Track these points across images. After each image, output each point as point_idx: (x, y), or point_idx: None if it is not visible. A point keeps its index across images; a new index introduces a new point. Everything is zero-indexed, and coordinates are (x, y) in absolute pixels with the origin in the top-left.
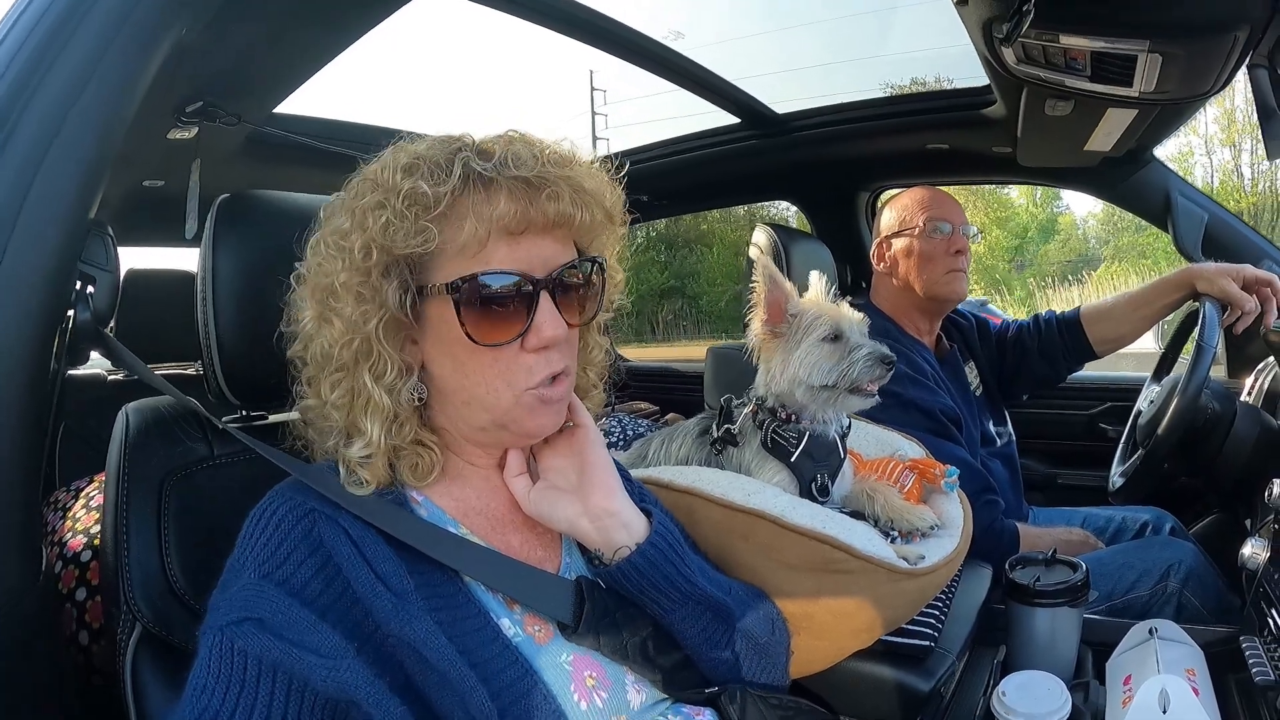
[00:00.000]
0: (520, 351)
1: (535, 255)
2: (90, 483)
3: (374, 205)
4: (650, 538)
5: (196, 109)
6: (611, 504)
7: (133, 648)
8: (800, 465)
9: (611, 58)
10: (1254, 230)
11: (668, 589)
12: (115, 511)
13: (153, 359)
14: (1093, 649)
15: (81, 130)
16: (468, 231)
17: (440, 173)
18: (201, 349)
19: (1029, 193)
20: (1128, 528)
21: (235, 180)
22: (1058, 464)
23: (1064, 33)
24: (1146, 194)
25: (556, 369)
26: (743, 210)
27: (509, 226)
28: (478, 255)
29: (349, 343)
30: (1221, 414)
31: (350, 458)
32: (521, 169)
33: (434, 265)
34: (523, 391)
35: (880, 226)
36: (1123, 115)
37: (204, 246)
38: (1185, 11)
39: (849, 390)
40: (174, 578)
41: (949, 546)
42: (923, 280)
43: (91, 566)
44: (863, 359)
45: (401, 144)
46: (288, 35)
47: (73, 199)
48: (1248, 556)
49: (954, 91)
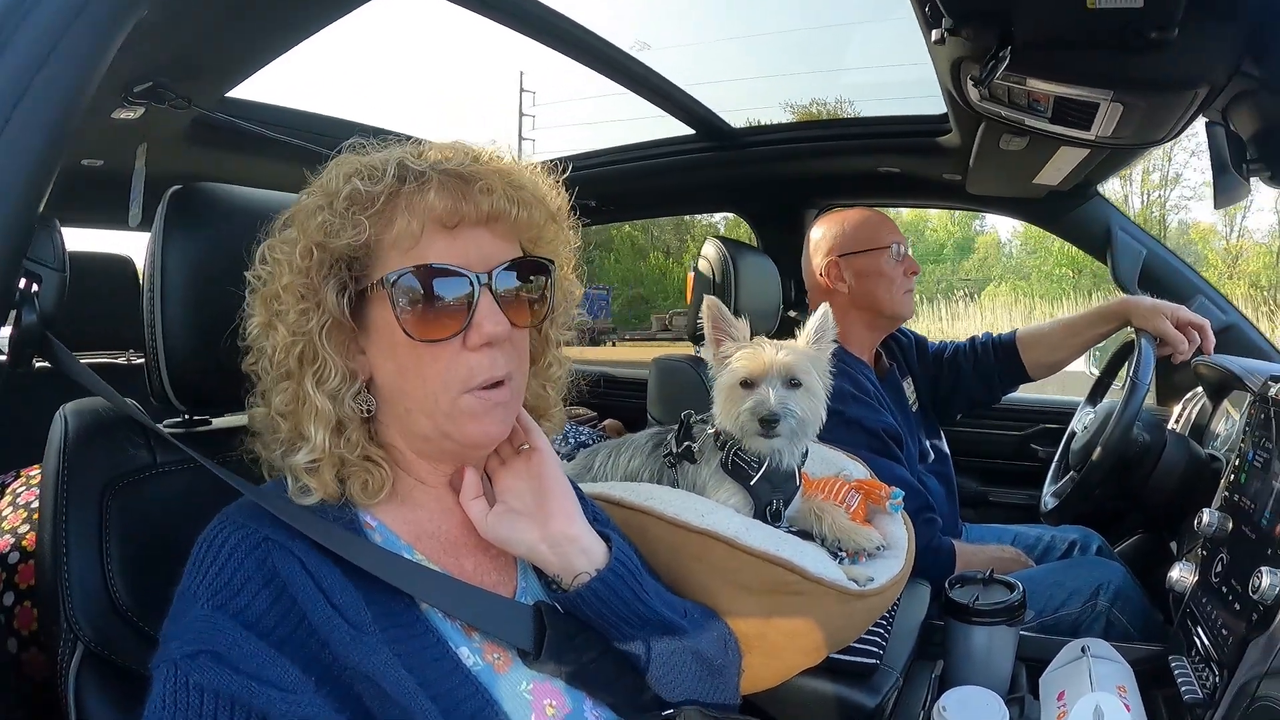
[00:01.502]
0: (462, 350)
1: (473, 250)
2: (16, 478)
3: (315, 208)
4: (610, 564)
5: (145, 89)
6: (571, 529)
7: (75, 668)
8: (759, 489)
9: (544, 60)
10: (1188, 266)
11: (627, 614)
12: (54, 522)
13: (80, 347)
14: (1026, 665)
15: (33, 117)
16: (400, 225)
17: (376, 173)
18: (146, 348)
19: (946, 212)
20: (1056, 546)
21: (178, 165)
22: (990, 482)
23: (1032, 77)
24: (1088, 227)
25: (499, 373)
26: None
27: (442, 219)
28: (412, 250)
29: (292, 347)
30: (1151, 443)
31: (296, 465)
32: (452, 165)
33: (372, 264)
34: (460, 394)
35: (828, 245)
36: (1074, 154)
37: (153, 239)
38: (1152, 68)
39: (752, 434)
40: (117, 595)
41: (895, 567)
42: (884, 299)
43: (20, 570)
44: (745, 413)
45: (347, 155)
46: (249, 18)
47: (21, 191)
48: (1175, 580)
49: (911, 118)
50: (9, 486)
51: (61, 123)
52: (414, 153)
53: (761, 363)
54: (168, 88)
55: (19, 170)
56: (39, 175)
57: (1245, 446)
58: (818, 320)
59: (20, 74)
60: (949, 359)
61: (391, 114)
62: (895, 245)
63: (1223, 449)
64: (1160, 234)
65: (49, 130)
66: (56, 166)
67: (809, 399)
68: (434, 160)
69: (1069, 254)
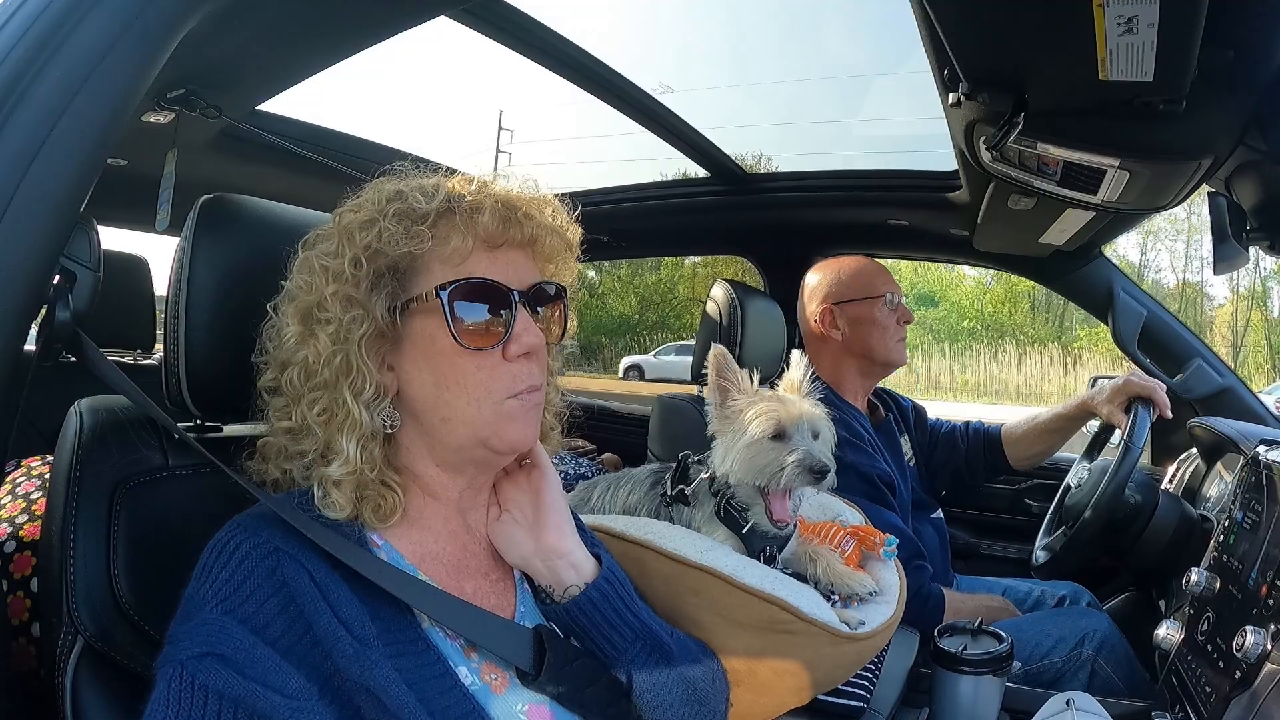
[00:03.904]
0: (501, 360)
1: (511, 270)
2: (17, 467)
3: (363, 223)
4: (597, 581)
5: (178, 95)
6: (563, 544)
7: (74, 662)
8: (750, 538)
9: (523, 100)
10: (1188, 329)
11: (619, 624)
12: (64, 516)
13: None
14: (1012, 716)
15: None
16: (454, 242)
17: (430, 191)
18: (165, 350)
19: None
20: (1046, 601)
21: (202, 173)
22: (982, 534)
23: (1043, 141)
24: (1091, 287)
25: (535, 382)
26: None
27: (490, 239)
28: (460, 266)
29: (332, 358)
30: (1143, 504)
31: (328, 476)
32: (500, 191)
33: (419, 277)
34: (504, 399)
35: (823, 292)
36: (1080, 216)
37: (181, 245)
38: (1159, 137)
39: (800, 483)
40: (121, 593)
41: (886, 613)
42: (877, 347)
43: (15, 559)
44: (792, 465)
45: (381, 180)
46: (290, 35)
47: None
48: (1162, 637)
49: (922, 174)
50: (9, 476)
51: (108, 126)
52: (464, 179)
53: (794, 415)
54: (200, 96)
55: (65, 170)
56: (83, 175)
57: (1236, 508)
58: (801, 372)
59: (72, 77)
60: (945, 434)
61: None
62: (889, 295)
63: (1214, 510)
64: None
65: (96, 132)
66: (100, 168)
67: (827, 450)
68: (483, 185)
69: (973, 307)
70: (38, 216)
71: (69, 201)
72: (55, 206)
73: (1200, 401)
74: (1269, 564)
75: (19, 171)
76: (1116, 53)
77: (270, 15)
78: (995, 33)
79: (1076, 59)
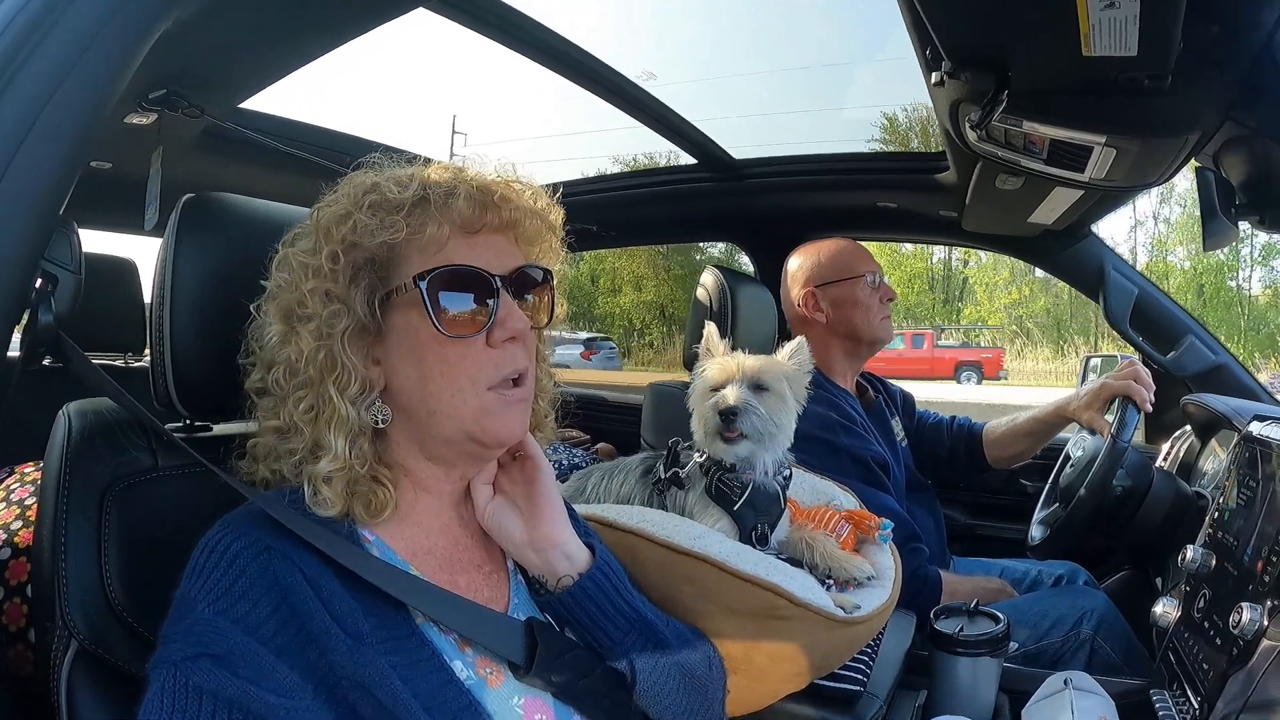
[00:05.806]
0: (485, 348)
1: (492, 255)
2: (10, 474)
3: (338, 217)
4: (591, 570)
5: (159, 96)
6: (556, 534)
7: (68, 665)
8: (742, 514)
9: (477, 102)
10: (1179, 307)
11: (613, 614)
12: (54, 519)
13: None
14: (1010, 696)
15: (60, 120)
16: (430, 230)
17: (401, 186)
18: (152, 351)
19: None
20: (1043, 580)
21: (186, 173)
22: (978, 515)
23: (1029, 119)
24: (1082, 266)
25: (521, 366)
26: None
27: (467, 225)
28: (438, 254)
29: (315, 354)
30: (1135, 485)
31: (317, 473)
32: (475, 178)
33: (398, 267)
34: (486, 391)
35: (804, 276)
36: (1068, 194)
37: (165, 246)
38: (1146, 114)
39: (718, 439)
40: (113, 595)
41: (881, 596)
42: (861, 326)
43: (11, 566)
44: (708, 409)
45: (357, 173)
46: (269, 33)
47: (44, 192)
48: (1159, 615)
49: (909, 155)
50: (3, 482)
51: (86, 127)
52: (441, 167)
53: (729, 367)
54: (182, 96)
55: (44, 172)
56: (63, 177)
57: (1230, 484)
58: (794, 346)
59: (50, 77)
60: (932, 425)
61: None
62: (870, 274)
63: (1209, 487)
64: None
65: (75, 133)
66: (79, 170)
67: (777, 403)
68: (458, 171)
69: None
70: (17, 219)
71: (49, 204)
72: (35, 209)
73: (1193, 378)
74: (1264, 540)
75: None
76: (1099, 27)
77: (250, 12)
78: (977, 9)
79: (1059, 34)
